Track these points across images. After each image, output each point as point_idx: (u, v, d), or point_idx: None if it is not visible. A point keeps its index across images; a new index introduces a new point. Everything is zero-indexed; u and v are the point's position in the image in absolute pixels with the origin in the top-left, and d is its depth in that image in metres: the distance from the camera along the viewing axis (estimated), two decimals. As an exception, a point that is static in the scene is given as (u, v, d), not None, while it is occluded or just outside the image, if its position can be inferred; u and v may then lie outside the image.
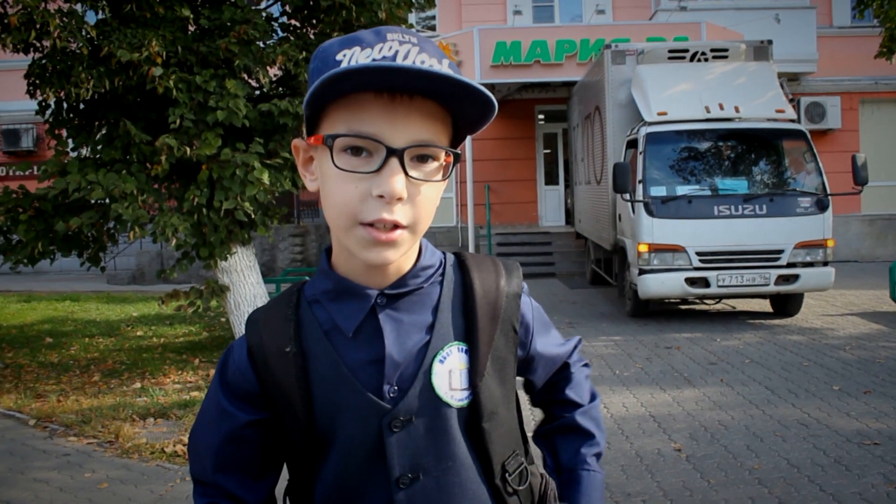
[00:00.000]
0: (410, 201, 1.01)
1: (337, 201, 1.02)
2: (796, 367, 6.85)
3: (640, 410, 5.73)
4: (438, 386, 1.10)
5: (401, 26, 1.08)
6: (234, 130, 6.97)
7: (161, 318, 10.76)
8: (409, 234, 1.03)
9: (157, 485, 4.45)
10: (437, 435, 1.11)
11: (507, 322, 1.17)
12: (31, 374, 7.44)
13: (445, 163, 1.05)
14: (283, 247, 16.29)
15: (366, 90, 0.98)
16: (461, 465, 1.12)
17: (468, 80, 0.96)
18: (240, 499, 1.16)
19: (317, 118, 1.05)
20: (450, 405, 1.11)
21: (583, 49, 14.55)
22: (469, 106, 1.01)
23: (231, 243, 7.34)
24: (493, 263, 1.21)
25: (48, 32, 6.15)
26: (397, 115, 0.99)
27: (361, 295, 1.09)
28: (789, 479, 4.27)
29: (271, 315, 1.15)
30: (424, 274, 1.13)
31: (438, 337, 1.11)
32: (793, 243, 8.78)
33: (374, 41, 1.01)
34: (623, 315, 10.06)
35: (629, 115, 10.12)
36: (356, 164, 0.99)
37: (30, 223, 6.70)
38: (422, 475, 1.10)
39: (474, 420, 1.13)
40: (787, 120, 9.36)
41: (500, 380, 1.16)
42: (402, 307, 1.11)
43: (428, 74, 0.95)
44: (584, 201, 13.32)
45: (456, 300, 1.15)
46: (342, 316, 1.10)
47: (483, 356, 1.13)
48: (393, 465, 1.09)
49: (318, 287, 1.14)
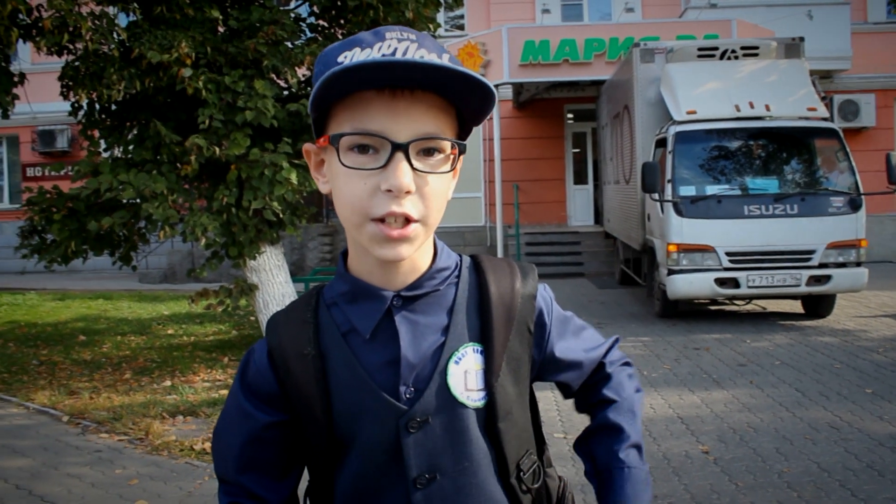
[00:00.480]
0: (419, 194, 1.02)
1: (347, 199, 1.03)
2: (828, 370, 6.76)
3: (667, 412, 5.69)
4: (454, 386, 1.11)
5: (402, 26, 1.09)
6: (262, 130, 7.03)
7: (191, 317, 10.89)
8: (422, 228, 1.04)
9: (185, 482, 4.50)
10: (454, 435, 1.11)
11: (522, 323, 1.17)
12: (65, 372, 7.56)
13: (452, 154, 1.06)
14: (312, 246, 16.38)
15: (367, 88, 1.00)
16: (478, 466, 1.13)
17: (465, 70, 0.97)
18: (262, 498, 1.17)
19: (323, 121, 1.07)
20: (465, 405, 1.11)
21: (612, 47, 14.45)
22: (470, 97, 1.03)
23: (260, 242, 7.41)
24: (508, 265, 1.22)
25: (80, 35, 6.25)
26: (399, 110, 1.00)
27: (377, 297, 1.10)
28: (819, 484, 4.21)
29: (291, 318, 1.17)
30: (440, 276, 1.14)
31: (454, 338, 1.12)
32: (825, 243, 8.65)
33: (373, 41, 1.02)
34: (652, 315, 9.99)
35: (658, 114, 10.04)
36: (363, 162, 1.01)
37: (63, 223, 6.81)
38: (439, 475, 1.11)
39: (490, 420, 1.14)
40: (819, 118, 9.23)
41: (514, 380, 1.16)
42: (418, 309, 1.12)
43: (424, 66, 0.96)
44: (613, 201, 13.24)
45: (471, 301, 1.15)
46: (359, 318, 1.11)
47: (498, 356, 1.13)
48: (410, 466, 1.10)
49: (335, 290, 1.16)
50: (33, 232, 7.30)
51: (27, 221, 7.20)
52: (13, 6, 6.02)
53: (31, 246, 7.30)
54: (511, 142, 17.01)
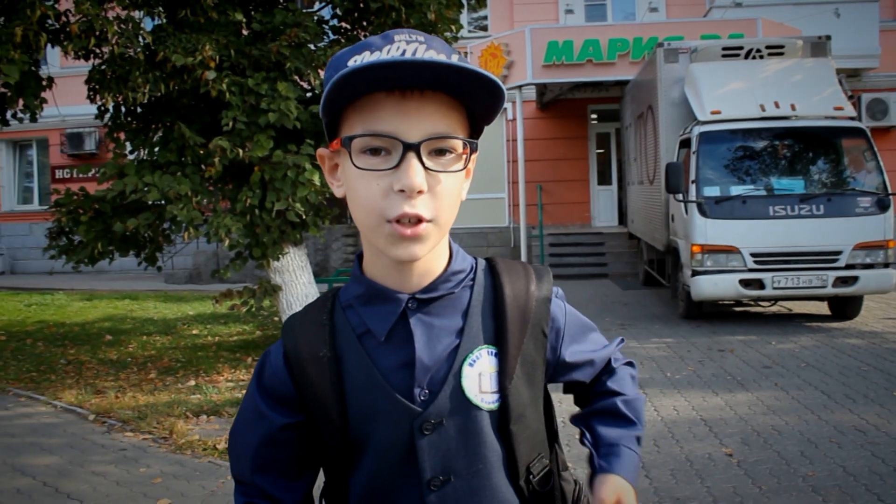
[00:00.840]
0: (431, 194, 1.02)
1: (361, 201, 1.04)
2: (854, 372, 6.67)
3: (691, 414, 5.65)
4: (468, 389, 1.11)
5: (411, 29, 1.10)
6: (285, 132, 7.07)
7: (216, 317, 10.98)
8: (434, 228, 1.04)
9: (208, 481, 4.54)
10: (468, 437, 1.12)
11: (536, 326, 1.17)
12: (92, 371, 7.66)
13: (464, 154, 1.06)
14: (335, 247, 16.46)
15: (377, 90, 1.01)
16: (491, 468, 1.13)
17: (474, 67, 0.97)
18: (277, 499, 1.18)
19: (335, 125, 1.08)
20: (480, 408, 1.12)
21: (635, 47, 14.38)
22: (479, 95, 1.03)
23: (283, 243, 7.46)
24: (523, 268, 1.22)
25: (107, 39, 6.33)
26: (410, 110, 1.01)
27: (392, 299, 1.11)
28: (845, 488, 4.16)
29: (307, 320, 1.18)
30: (455, 278, 1.14)
31: (468, 340, 1.12)
32: (852, 244, 8.54)
33: (382, 44, 1.03)
34: (676, 317, 9.92)
35: (682, 114, 9.97)
36: (375, 163, 1.02)
37: (89, 224, 6.90)
38: (453, 477, 1.11)
39: (503, 422, 1.14)
40: (846, 117, 9.11)
41: (528, 382, 1.17)
42: (433, 311, 1.12)
43: (432, 65, 0.97)
44: (637, 201, 13.17)
45: (486, 304, 1.16)
46: (374, 320, 1.12)
47: (512, 359, 1.14)
48: (424, 468, 1.10)
49: (351, 292, 1.17)
50: (61, 233, 7.41)
51: (55, 223, 7.31)
52: (42, 11, 6.12)
53: (58, 247, 7.41)
54: (534, 142, 16.97)
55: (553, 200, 17.31)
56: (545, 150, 17.34)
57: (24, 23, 6.04)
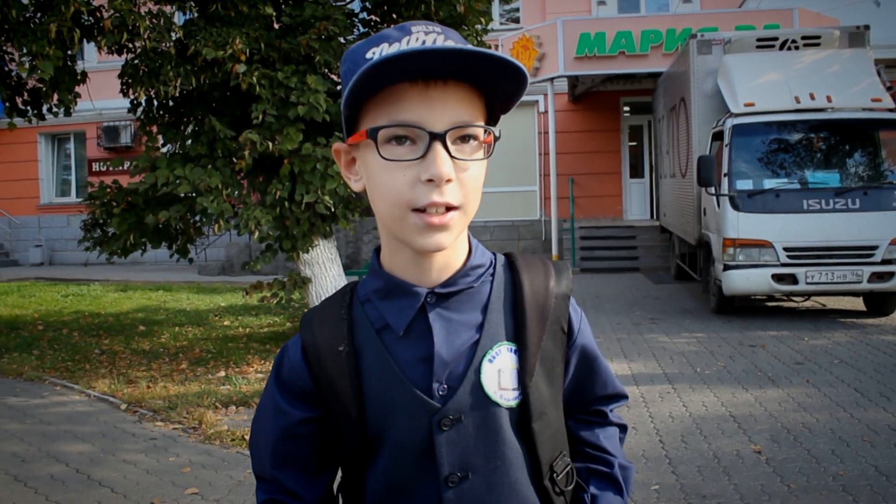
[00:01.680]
0: (458, 182, 1.02)
1: (387, 192, 1.03)
2: (889, 369, 6.55)
3: (720, 410, 5.58)
4: (487, 385, 1.10)
5: (427, 21, 1.10)
6: (314, 125, 7.11)
7: (247, 309, 11.09)
8: (461, 215, 1.04)
9: (236, 471, 4.59)
10: (487, 434, 1.11)
11: (555, 323, 1.17)
12: (125, 361, 7.79)
13: (486, 142, 1.06)
14: (367, 239, 16.53)
15: (401, 80, 1.00)
16: (510, 465, 1.12)
17: (499, 54, 0.97)
18: (298, 494, 1.18)
19: (354, 119, 1.07)
20: (499, 405, 1.11)
21: (669, 39, 14.22)
22: (501, 82, 1.03)
23: (313, 236, 7.50)
24: (542, 264, 1.21)
25: (139, 34, 6.42)
26: (434, 100, 1.01)
27: (411, 293, 1.10)
28: (877, 488, 4.08)
29: (325, 314, 1.18)
30: (475, 273, 1.14)
31: (488, 336, 1.12)
32: (888, 239, 8.37)
33: (399, 36, 1.04)
34: (707, 311, 9.81)
35: (715, 106, 9.85)
36: (401, 153, 1.02)
37: (122, 216, 7.00)
38: (471, 474, 1.10)
39: (524, 420, 1.13)
40: (885, 109, 8.92)
41: (548, 380, 1.16)
42: (452, 306, 1.11)
43: (461, 52, 0.96)
44: (669, 195, 13.05)
45: (506, 300, 1.15)
46: (392, 314, 1.11)
47: (532, 356, 1.13)
48: (442, 464, 1.09)
49: (369, 286, 1.16)
50: (95, 225, 7.53)
51: (89, 215, 7.43)
52: (76, 8, 6.21)
53: (92, 239, 7.54)
54: (566, 135, 16.87)
55: (584, 193, 17.21)
56: (577, 142, 17.23)
57: (59, 19, 6.14)
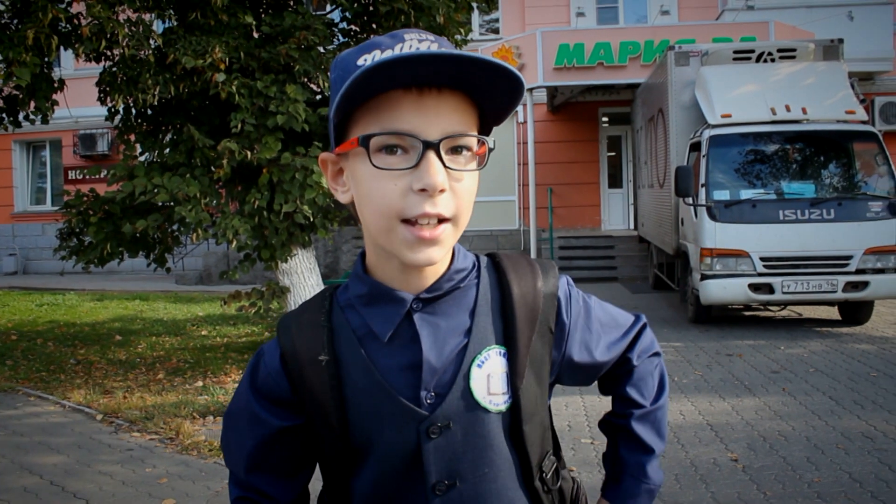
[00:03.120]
0: (451, 193, 1.00)
1: (377, 201, 1.00)
2: (864, 378, 6.63)
3: (697, 419, 5.62)
4: (476, 391, 1.08)
5: (419, 29, 1.08)
6: (293, 135, 7.09)
7: (225, 319, 11.02)
8: (453, 228, 1.02)
9: (213, 481, 4.55)
10: (475, 441, 1.09)
11: (543, 323, 1.15)
12: (101, 371, 7.71)
13: (478, 154, 1.04)
14: (345, 249, 16.49)
15: (395, 87, 0.98)
16: (498, 471, 1.11)
17: (497, 60, 0.95)
18: (271, 496, 1.17)
19: (343, 129, 1.05)
20: (488, 410, 1.09)
21: (647, 50, 14.35)
22: (496, 91, 1.00)
23: (291, 245, 7.47)
24: (528, 264, 1.19)
25: (117, 41, 6.37)
26: (428, 109, 0.98)
27: (396, 299, 1.08)
28: (851, 495, 4.13)
29: (303, 320, 1.14)
30: (458, 276, 1.11)
31: (476, 341, 1.09)
32: (862, 249, 8.49)
33: (392, 43, 1.01)
34: (685, 321, 9.89)
35: (693, 117, 9.95)
36: (393, 162, 0.99)
37: (99, 225, 6.94)
38: (458, 482, 1.09)
39: (515, 424, 1.12)
40: (858, 121, 9.06)
41: (537, 381, 1.14)
42: (439, 311, 1.09)
43: (459, 58, 0.94)
44: (647, 205, 13.14)
45: (493, 302, 1.13)
46: (377, 321, 1.09)
47: (522, 359, 1.11)
48: (429, 472, 1.08)
49: (352, 291, 1.13)
50: (71, 234, 7.45)
51: (65, 224, 7.35)
52: (54, 14, 6.16)
53: (69, 248, 7.46)
54: (545, 145, 16.96)
55: (563, 203, 17.29)
56: (556, 152, 17.32)
57: (36, 26, 6.09)
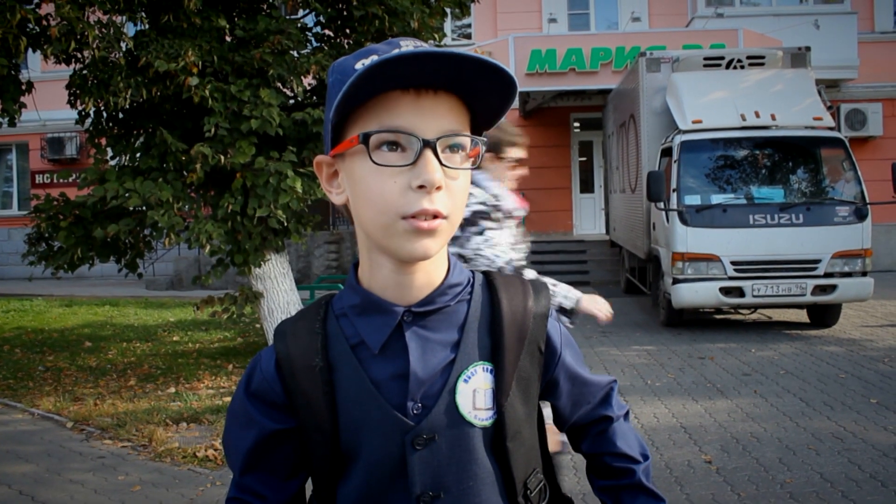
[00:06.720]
0: (447, 190, 1.02)
1: (377, 199, 1.02)
2: (832, 379, 6.73)
3: (671, 421, 5.68)
4: (462, 405, 1.10)
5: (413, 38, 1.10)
6: (267, 139, 7.06)
7: (197, 324, 10.91)
8: (447, 224, 1.04)
9: (188, 489, 4.51)
10: (460, 454, 1.11)
11: (533, 343, 1.16)
12: (70, 378, 7.59)
13: (471, 155, 1.06)
14: (318, 254, 16.42)
15: (394, 88, 1.00)
16: (482, 485, 1.12)
17: (495, 62, 0.98)
18: (263, 496, 1.18)
19: (340, 130, 1.07)
20: (473, 424, 1.11)
21: (618, 57, 14.49)
22: (491, 92, 1.03)
23: (265, 250, 7.43)
24: (521, 283, 1.20)
25: (87, 43, 6.28)
26: (425, 108, 1.01)
27: (388, 311, 1.09)
28: (822, 494, 4.20)
29: (299, 327, 1.16)
30: (452, 292, 1.13)
31: (464, 356, 1.11)
32: (830, 253, 8.64)
33: (388, 49, 1.03)
34: (657, 324, 9.98)
35: (664, 123, 10.06)
36: (392, 159, 1.01)
37: (70, 230, 6.85)
38: (443, 493, 1.10)
39: (498, 439, 1.13)
40: (825, 128, 9.23)
41: (524, 399, 1.16)
42: (429, 325, 1.11)
43: (459, 57, 0.96)
44: (619, 210, 13.25)
45: (483, 319, 1.14)
46: (369, 331, 1.10)
47: (508, 376, 1.13)
48: (414, 483, 1.09)
49: (345, 301, 1.15)
50: (40, 239, 7.34)
51: (34, 229, 7.24)
52: (22, 15, 6.07)
53: (38, 253, 7.34)
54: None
55: (535, 208, 17.28)
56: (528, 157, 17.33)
57: (4, 27, 5.99)
